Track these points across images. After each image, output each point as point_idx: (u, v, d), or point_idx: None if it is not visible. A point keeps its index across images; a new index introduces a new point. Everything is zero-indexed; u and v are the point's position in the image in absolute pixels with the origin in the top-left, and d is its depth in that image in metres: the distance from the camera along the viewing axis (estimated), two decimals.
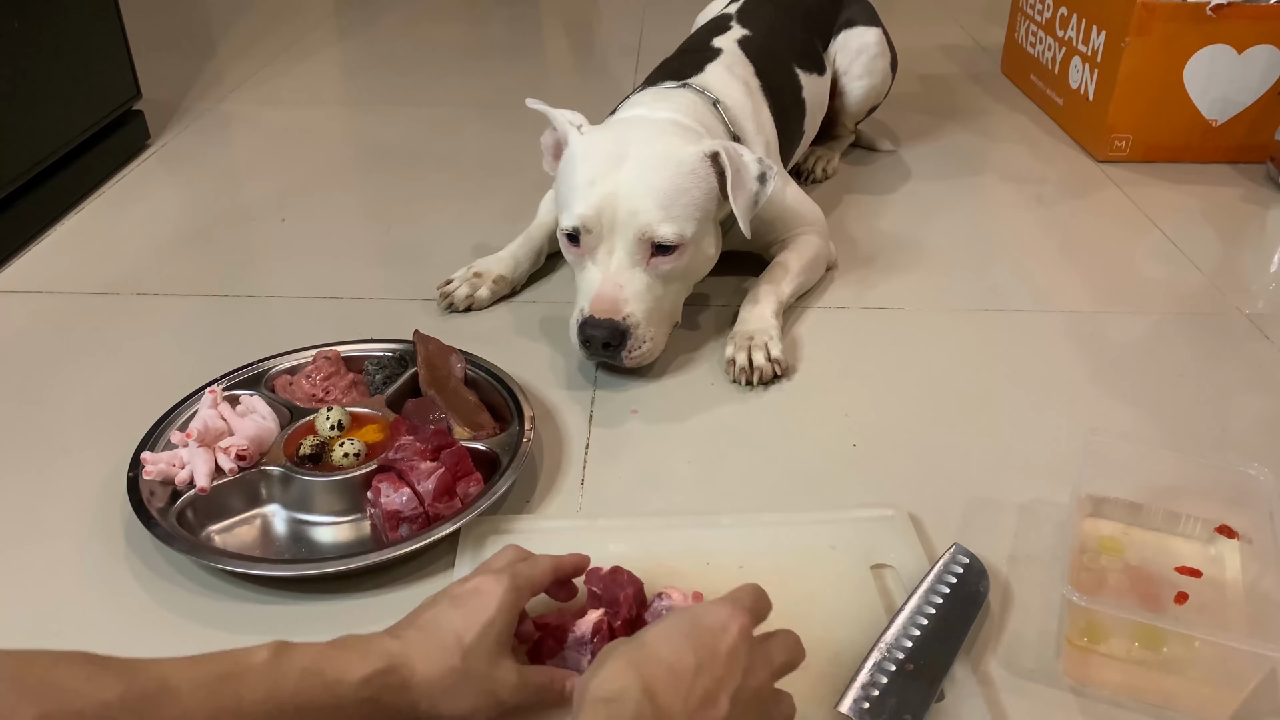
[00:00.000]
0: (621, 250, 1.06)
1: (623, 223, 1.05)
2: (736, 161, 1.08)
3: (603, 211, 1.05)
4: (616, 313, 1.05)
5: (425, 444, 0.89)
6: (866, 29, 1.58)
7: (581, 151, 1.10)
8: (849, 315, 1.25)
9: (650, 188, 1.05)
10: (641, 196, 1.05)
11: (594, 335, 1.06)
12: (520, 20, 2.60)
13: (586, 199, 1.06)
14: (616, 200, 1.05)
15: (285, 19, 2.57)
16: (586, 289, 1.08)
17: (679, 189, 1.06)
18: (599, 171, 1.07)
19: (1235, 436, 1.04)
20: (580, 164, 1.09)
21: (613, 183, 1.06)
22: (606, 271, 1.07)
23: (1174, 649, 0.73)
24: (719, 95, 1.24)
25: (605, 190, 1.05)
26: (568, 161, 1.11)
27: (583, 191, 1.06)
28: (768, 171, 1.10)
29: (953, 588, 0.79)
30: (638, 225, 1.05)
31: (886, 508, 0.90)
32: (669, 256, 1.07)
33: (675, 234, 1.05)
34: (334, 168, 1.69)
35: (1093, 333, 1.21)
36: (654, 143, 1.09)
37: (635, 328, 1.06)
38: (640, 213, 1.05)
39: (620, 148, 1.08)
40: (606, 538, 0.86)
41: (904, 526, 0.88)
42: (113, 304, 1.26)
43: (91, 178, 1.59)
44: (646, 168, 1.06)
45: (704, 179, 1.08)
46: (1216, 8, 1.57)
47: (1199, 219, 1.52)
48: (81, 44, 1.57)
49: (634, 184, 1.05)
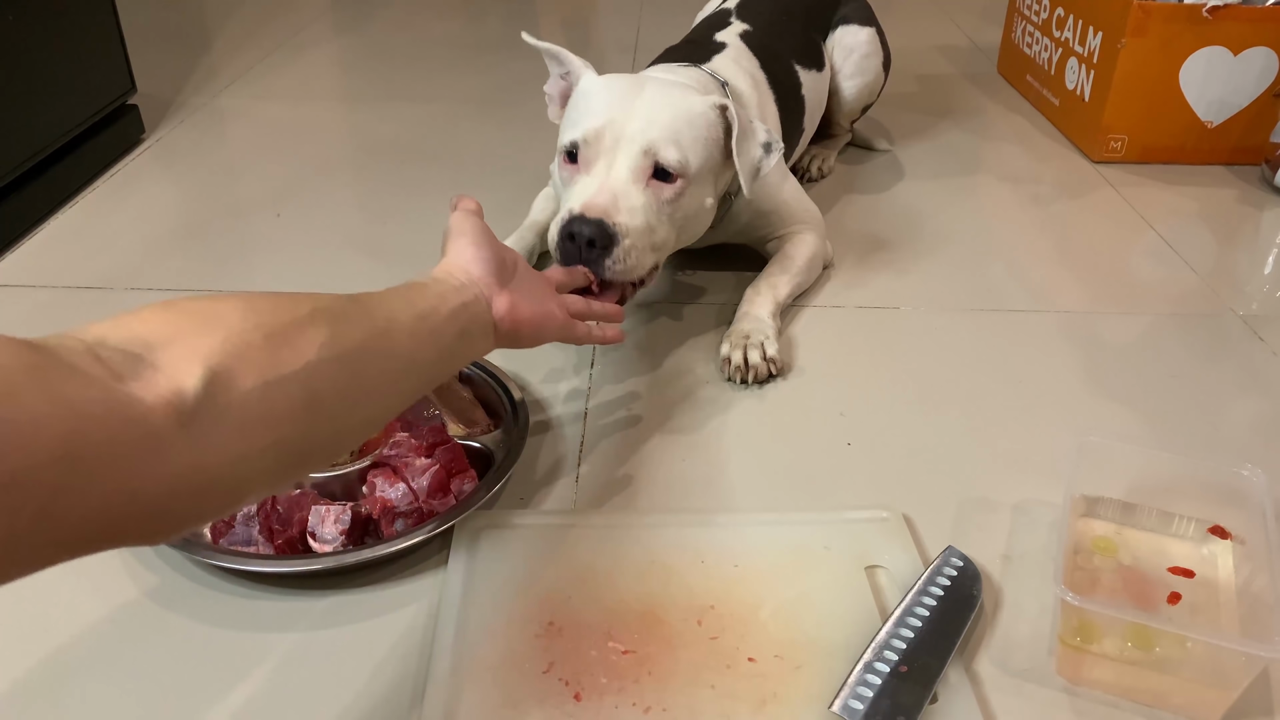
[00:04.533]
0: (623, 164, 1.04)
1: (628, 138, 1.04)
2: (744, 119, 1.08)
3: (610, 125, 1.05)
4: (608, 215, 1.01)
5: (420, 441, 0.89)
6: (860, 28, 1.58)
7: (597, 86, 1.10)
8: (844, 314, 1.25)
9: (661, 114, 1.05)
10: (651, 119, 1.05)
11: (580, 231, 1.00)
12: (517, 16, 2.60)
13: (597, 112, 1.06)
14: (626, 120, 1.05)
15: (281, 14, 2.57)
16: (578, 194, 1.03)
17: (689, 123, 1.06)
18: (613, 99, 1.07)
19: (1229, 437, 1.04)
20: (594, 95, 1.09)
21: (626, 107, 1.06)
22: (604, 180, 1.04)
23: (1167, 649, 0.73)
24: (728, 79, 1.24)
25: (620, 108, 1.05)
26: (580, 95, 1.10)
27: (594, 109, 1.06)
28: (773, 142, 1.10)
29: (946, 590, 0.80)
30: (644, 140, 1.04)
31: (881, 509, 0.90)
32: (668, 184, 1.05)
33: (678, 159, 1.04)
34: (329, 163, 1.69)
35: (1087, 333, 1.22)
36: (670, 88, 1.09)
37: (625, 236, 1.01)
38: (648, 129, 1.04)
39: (636, 87, 1.08)
40: (599, 534, 0.86)
41: (898, 528, 0.88)
42: (107, 298, 1.26)
43: (86, 172, 1.59)
44: (660, 102, 1.07)
45: (713, 125, 1.08)
46: (1213, 10, 1.57)
47: (1194, 220, 1.52)
48: (76, 37, 1.56)
49: (645, 110, 1.05)
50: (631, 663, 0.73)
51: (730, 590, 0.80)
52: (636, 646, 0.75)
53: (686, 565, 0.83)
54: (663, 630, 0.76)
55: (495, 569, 0.83)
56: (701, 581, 0.81)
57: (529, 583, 0.81)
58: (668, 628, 0.77)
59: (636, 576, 0.81)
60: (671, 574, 0.82)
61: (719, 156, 1.10)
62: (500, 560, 0.84)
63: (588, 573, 0.82)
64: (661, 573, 0.82)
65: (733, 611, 0.78)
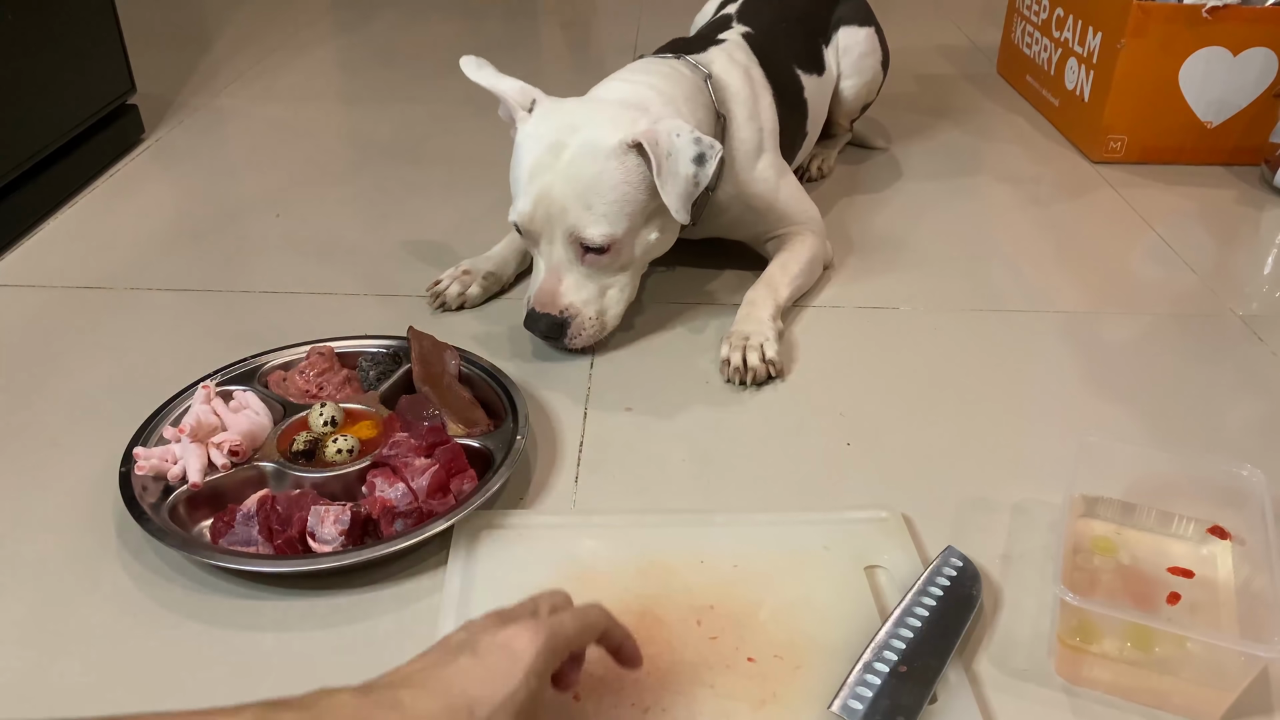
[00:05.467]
0: (559, 245, 1.08)
1: (555, 220, 1.06)
2: (666, 146, 1.03)
3: (538, 207, 1.06)
4: (554, 306, 1.09)
5: (420, 440, 0.89)
6: (858, 28, 1.58)
7: (524, 139, 1.09)
8: (844, 314, 1.25)
9: (579, 184, 1.05)
10: (570, 195, 1.05)
11: (535, 327, 1.10)
12: (517, 17, 2.60)
13: (527, 193, 1.07)
14: (550, 196, 1.05)
15: (281, 14, 2.57)
16: (535, 278, 1.12)
17: (606, 185, 1.05)
18: (539, 163, 1.06)
19: (1228, 438, 1.04)
20: (523, 153, 1.09)
21: (549, 178, 1.05)
22: (549, 263, 1.09)
23: (1166, 649, 0.73)
24: (714, 73, 1.23)
25: (542, 184, 1.06)
26: (516, 147, 1.11)
27: (524, 185, 1.07)
28: (707, 151, 1.05)
29: (946, 590, 0.79)
30: (565, 225, 1.06)
31: (880, 509, 0.90)
32: (602, 255, 1.08)
33: (603, 235, 1.06)
34: (329, 163, 1.69)
35: (1087, 333, 1.22)
36: (590, 130, 1.06)
37: (574, 318, 1.09)
38: (569, 211, 1.05)
39: (563, 134, 1.06)
40: (599, 534, 0.86)
41: (898, 528, 0.88)
42: (106, 299, 1.26)
43: (85, 172, 1.59)
44: (577, 162, 1.05)
45: (632, 170, 1.06)
46: (1212, 10, 1.57)
47: (1193, 221, 1.52)
48: (76, 37, 1.56)
49: (565, 181, 1.05)
50: None
51: (729, 590, 0.80)
52: None
53: (686, 565, 0.83)
54: (662, 630, 0.76)
55: (494, 570, 0.83)
56: (700, 582, 0.81)
57: (528, 583, 0.81)
58: (667, 628, 0.76)
59: (636, 576, 0.81)
60: (671, 574, 0.82)
61: (649, 194, 1.08)
62: (499, 561, 0.84)
63: (586, 573, 0.82)
64: (661, 573, 0.82)
65: (732, 611, 0.78)
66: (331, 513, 0.83)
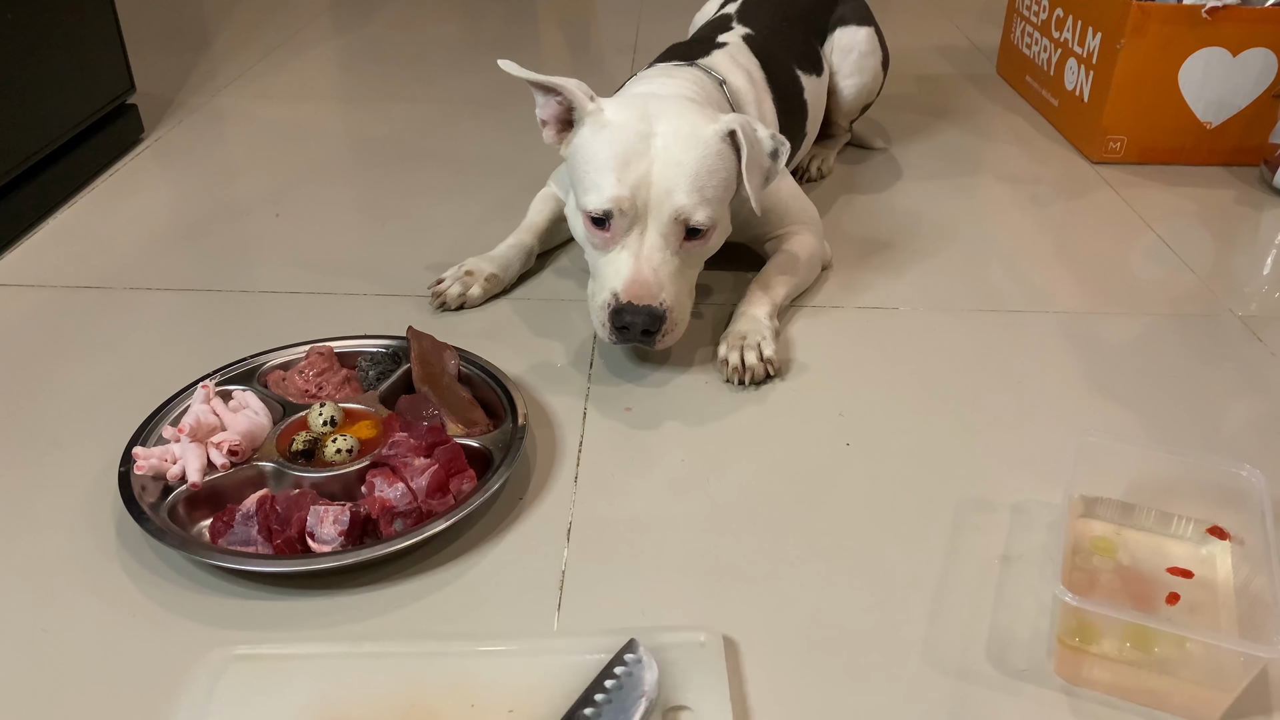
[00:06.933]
0: (655, 233, 1.03)
1: (655, 203, 1.02)
2: (751, 138, 1.05)
3: (637, 192, 1.02)
4: (653, 298, 1.02)
5: (419, 440, 0.89)
6: (857, 28, 1.59)
7: (605, 139, 1.05)
8: (843, 315, 1.25)
9: (682, 171, 1.02)
10: (675, 180, 1.02)
11: (633, 322, 1.02)
12: (516, 17, 2.60)
13: (622, 179, 1.02)
14: (650, 181, 1.02)
15: (280, 14, 2.57)
16: (615, 273, 1.04)
17: (709, 170, 1.04)
18: (630, 149, 1.03)
19: (1227, 438, 1.04)
20: (607, 141, 1.04)
21: (646, 163, 1.02)
22: (639, 255, 1.03)
23: (1165, 649, 0.73)
24: (725, 76, 1.24)
25: (640, 170, 1.02)
26: (589, 138, 1.06)
27: (615, 171, 1.02)
28: (780, 147, 1.08)
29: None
30: (672, 207, 1.02)
31: (698, 631, 0.76)
32: (699, 240, 1.06)
33: (708, 218, 1.04)
34: (328, 163, 1.69)
35: (1086, 334, 1.22)
36: (678, 119, 1.05)
37: (670, 311, 1.04)
38: (674, 193, 1.02)
39: (645, 123, 1.05)
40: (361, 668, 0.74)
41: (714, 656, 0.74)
42: (105, 298, 1.26)
43: (85, 172, 1.59)
44: (676, 147, 1.03)
45: (727, 157, 1.06)
46: (1211, 10, 1.57)
47: (1193, 221, 1.52)
48: (76, 37, 1.56)
49: (667, 165, 1.02)
50: None
51: None
52: None
53: (453, 711, 0.70)
54: None
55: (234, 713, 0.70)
56: None
57: None
58: None
59: None
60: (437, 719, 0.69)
61: (734, 183, 1.09)
62: (241, 704, 0.71)
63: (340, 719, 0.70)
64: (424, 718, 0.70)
65: None
66: (331, 513, 0.83)
